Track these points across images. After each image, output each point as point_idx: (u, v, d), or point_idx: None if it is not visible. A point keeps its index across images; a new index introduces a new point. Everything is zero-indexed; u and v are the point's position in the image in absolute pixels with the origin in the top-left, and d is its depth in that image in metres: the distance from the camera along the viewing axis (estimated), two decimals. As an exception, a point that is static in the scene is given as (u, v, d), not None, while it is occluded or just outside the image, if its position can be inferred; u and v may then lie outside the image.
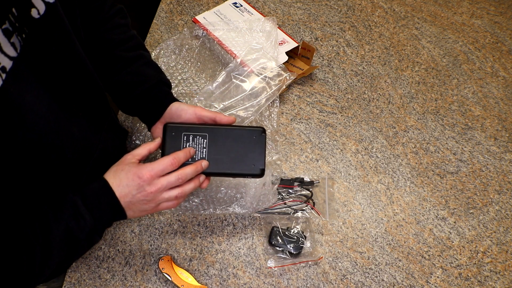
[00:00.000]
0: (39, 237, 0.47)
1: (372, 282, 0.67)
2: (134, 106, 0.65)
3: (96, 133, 0.61)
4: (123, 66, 0.63)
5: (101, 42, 0.62)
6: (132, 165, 0.53)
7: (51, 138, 0.48)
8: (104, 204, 0.52)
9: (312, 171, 0.78)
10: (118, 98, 0.66)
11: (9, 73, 0.40)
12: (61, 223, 0.48)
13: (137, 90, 0.62)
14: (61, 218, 0.49)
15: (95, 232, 0.52)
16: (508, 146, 0.84)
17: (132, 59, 0.63)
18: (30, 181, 0.50)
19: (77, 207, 0.50)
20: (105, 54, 0.62)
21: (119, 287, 0.64)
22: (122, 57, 0.63)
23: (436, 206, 0.76)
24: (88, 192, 0.52)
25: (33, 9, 0.43)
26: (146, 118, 0.65)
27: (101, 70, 0.63)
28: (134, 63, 0.64)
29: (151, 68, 0.65)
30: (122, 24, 0.65)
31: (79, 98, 0.55)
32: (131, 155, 0.55)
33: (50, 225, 0.48)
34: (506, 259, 0.71)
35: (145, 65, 0.65)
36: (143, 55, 0.66)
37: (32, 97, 0.44)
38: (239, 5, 0.98)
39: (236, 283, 0.65)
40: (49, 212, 0.49)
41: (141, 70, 0.64)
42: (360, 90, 0.91)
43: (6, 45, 0.40)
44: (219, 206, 0.70)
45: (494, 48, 1.01)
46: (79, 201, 0.50)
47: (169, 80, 0.67)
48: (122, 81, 0.63)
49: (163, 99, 0.63)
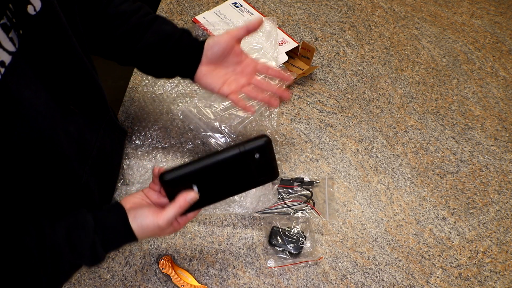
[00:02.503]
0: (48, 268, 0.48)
1: (372, 282, 0.67)
2: (170, 63, 0.65)
3: (93, 132, 0.61)
4: (144, 30, 0.63)
5: (114, 17, 0.63)
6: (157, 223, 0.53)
7: (48, 134, 0.48)
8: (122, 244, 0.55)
9: (312, 171, 0.78)
10: (149, 63, 0.66)
11: (8, 67, 0.40)
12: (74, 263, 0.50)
13: (168, 46, 0.63)
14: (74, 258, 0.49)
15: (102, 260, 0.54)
16: (508, 146, 0.84)
17: (150, 21, 0.64)
18: (29, 178, 0.49)
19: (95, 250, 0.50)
20: (122, 26, 0.63)
21: (119, 287, 0.64)
22: (141, 23, 0.63)
23: (436, 206, 0.76)
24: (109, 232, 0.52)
25: (29, 6, 0.43)
26: (186, 69, 0.65)
27: (122, 43, 0.63)
28: (153, 24, 0.64)
29: (171, 25, 0.66)
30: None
31: (76, 95, 0.55)
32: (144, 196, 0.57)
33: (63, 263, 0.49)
34: (506, 259, 0.71)
35: (165, 23, 0.66)
36: (158, 16, 0.66)
37: (31, 93, 0.44)
38: (239, 5, 0.98)
39: (236, 283, 0.66)
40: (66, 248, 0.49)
41: (162, 28, 0.64)
42: (360, 90, 0.91)
43: (5, 40, 0.40)
44: (219, 206, 0.70)
45: (494, 48, 1.01)
46: (98, 243, 0.50)
47: (188, 29, 0.68)
48: (149, 43, 0.63)
49: (195, 44, 0.64)
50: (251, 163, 0.54)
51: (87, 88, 0.58)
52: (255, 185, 0.57)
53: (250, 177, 0.56)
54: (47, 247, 0.47)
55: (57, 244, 0.48)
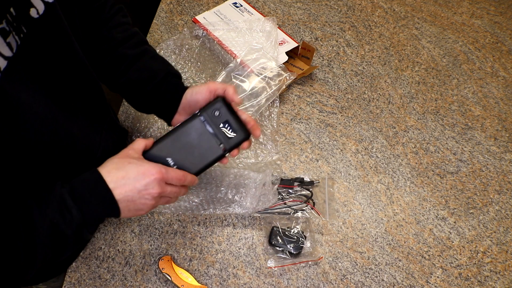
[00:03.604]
0: (21, 234, 0.44)
1: (372, 282, 0.67)
2: (148, 103, 0.64)
3: (97, 133, 0.61)
4: (129, 64, 0.62)
5: (104, 41, 0.62)
6: (141, 160, 0.51)
7: (49, 137, 0.48)
8: (94, 197, 0.48)
9: (312, 171, 0.78)
10: (130, 97, 0.65)
11: (4, 72, 0.40)
12: (46, 218, 0.45)
13: (148, 86, 0.62)
14: (46, 213, 0.46)
15: (84, 227, 0.49)
16: (508, 146, 0.84)
17: (137, 55, 0.63)
18: (31, 182, 0.50)
19: (64, 200, 0.46)
20: (109, 54, 0.62)
21: (119, 287, 0.64)
22: (126, 55, 0.62)
23: (436, 206, 0.76)
24: (77, 183, 0.48)
25: (32, 9, 0.43)
26: (163, 113, 0.64)
27: (108, 72, 0.62)
28: (140, 59, 0.63)
29: (158, 62, 0.64)
30: (123, 22, 0.65)
31: (77, 97, 0.55)
32: (132, 150, 0.53)
33: (34, 221, 0.45)
34: (506, 259, 0.71)
35: (151, 59, 0.64)
36: (147, 50, 0.65)
37: (28, 97, 0.44)
38: (239, 5, 0.98)
39: (236, 283, 0.66)
40: (33, 206, 0.46)
41: (148, 65, 0.63)
42: (360, 90, 0.91)
43: (2, 45, 0.40)
44: (219, 206, 0.70)
45: (494, 48, 1.01)
46: (66, 194, 0.47)
47: (177, 70, 0.66)
48: (131, 79, 0.62)
49: (174, 92, 0.62)
50: (214, 124, 0.56)
51: (88, 90, 0.58)
52: (229, 148, 0.57)
53: (221, 139, 0.56)
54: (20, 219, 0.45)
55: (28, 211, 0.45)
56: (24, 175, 0.48)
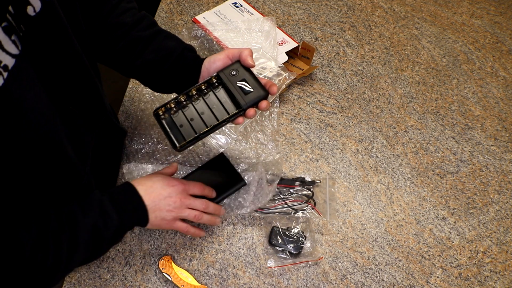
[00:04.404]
0: (66, 232, 0.48)
1: (372, 282, 0.67)
2: (167, 82, 0.64)
3: (89, 131, 0.61)
4: (144, 46, 0.62)
5: (115, 28, 0.62)
6: (165, 176, 0.61)
7: (51, 136, 0.48)
8: (129, 204, 0.55)
9: (312, 171, 0.78)
10: (148, 79, 0.65)
11: (11, 71, 0.40)
12: (88, 221, 0.51)
13: (165, 65, 0.62)
14: (89, 215, 0.51)
15: (121, 231, 0.55)
16: (508, 146, 0.84)
17: (151, 36, 0.63)
18: (32, 180, 0.50)
19: (104, 206, 0.53)
20: (122, 39, 0.62)
21: (119, 287, 0.64)
22: (141, 37, 0.62)
23: (436, 206, 0.76)
24: (115, 192, 0.56)
25: (29, 7, 0.42)
26: (184, 89, 0.64)
27: (123, 57, 0.63)
28: (154, 39, 0.63)
29: (172, 40, 0.65)
30: (130, 7, 0.65)
31: (74, 95, 0.55)
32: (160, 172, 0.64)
33: (78, 222, 0.50)
34: (506, 259, 0.71)
35: (166, 38, 0.65)
36: (160, 30, 0.65)
37: (33, 96, 0.44)
38: (239, 5, 0.98)
39: (236, 283, 0.65)
40: (77, 209, 0.51)
41: (163, 44, 0.63)
42: (360, 90, 0.91)
43: (7, 43, 0.40)
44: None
45: (494, 48, 1.01)
46: (106, 201, 0.53)
47: (191, 45, 0.67)
48: (148, 60, 0.62)
49: (193, 65, 0.63)
50: (231, 82, 0.59)
51: (85, 88, 0.58)
52: (248, 104, 0.58)
53: (239, 97, 0.58)
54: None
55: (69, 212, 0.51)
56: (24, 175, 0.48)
